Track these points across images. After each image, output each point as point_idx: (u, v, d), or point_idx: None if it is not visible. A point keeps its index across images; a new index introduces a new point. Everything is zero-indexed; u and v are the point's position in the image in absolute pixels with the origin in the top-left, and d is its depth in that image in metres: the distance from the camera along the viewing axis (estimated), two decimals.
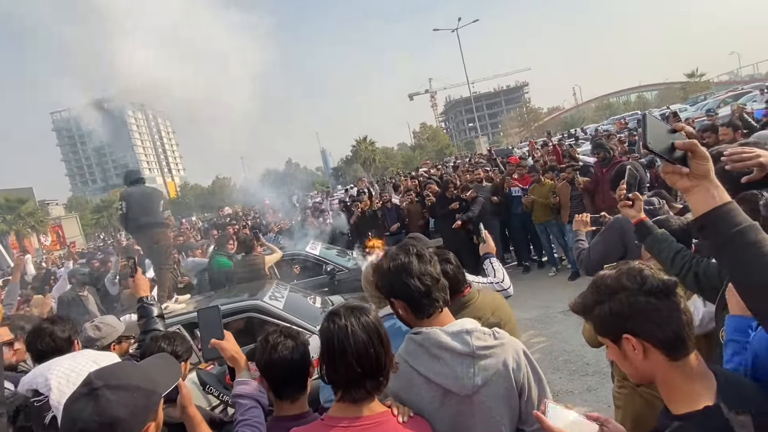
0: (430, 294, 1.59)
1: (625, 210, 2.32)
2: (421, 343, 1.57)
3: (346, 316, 1.45)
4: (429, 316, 1.61)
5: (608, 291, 1.23)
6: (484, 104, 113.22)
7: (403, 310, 1.63)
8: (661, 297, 1.17)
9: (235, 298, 5.29)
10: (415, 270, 1.58)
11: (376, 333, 1.44)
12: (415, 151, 73.28)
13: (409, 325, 1.66)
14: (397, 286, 1.59)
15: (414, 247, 1.65)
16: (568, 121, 67.48)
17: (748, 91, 21.78)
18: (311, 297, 5.84)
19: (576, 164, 7.49)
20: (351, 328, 1.41)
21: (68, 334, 2.46)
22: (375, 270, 1.70)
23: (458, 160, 21.22)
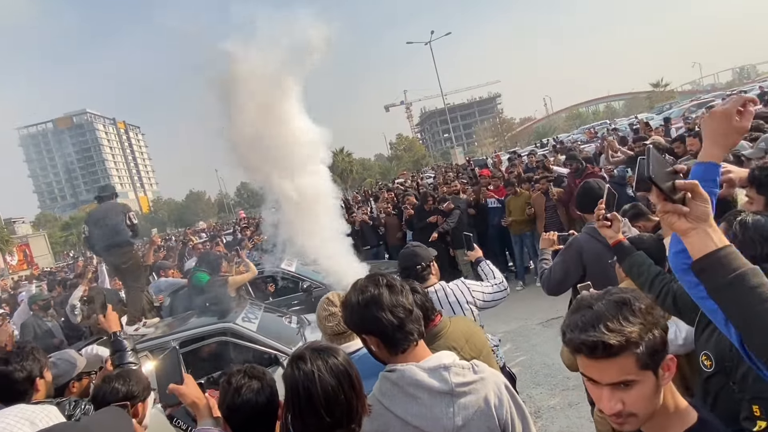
0: (404, 327, 1.48)
1: (603, 230, 2.27)
2: (396, 382, 1.46)
3: (312, 359, 1.33)
4: (404, 350, 1.50)
5: (653, 320, 1.10)
6: (459, 115, 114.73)
7: (375, 346, 1.52)
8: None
9: (206, 320, 5.08)
10: (386, 302, 1.47)
11: (346, 376, 1.32)
12: (392, 162, 73.56)
13: (383, 361, 1.55)
14: (368, 321, 1.49)
15: (384, 277, 1.55)
16: (540, 130, 68.79)
17: (710, 100, 22.55)
18: (287, 317, 5.66)
19: (550, 175, 7.54)
20: (318, 373, 1.29)
21: (27, 372, 2.14)
22: (343, 304, 1.59)
23: (436, 172, 21.28)
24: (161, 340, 4.63)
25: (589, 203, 3.19)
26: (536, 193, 7.41)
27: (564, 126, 66.26)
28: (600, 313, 1.08)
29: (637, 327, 1.06)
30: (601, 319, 1.07)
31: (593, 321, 1.08)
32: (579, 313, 1.13)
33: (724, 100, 1.91)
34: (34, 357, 2.25)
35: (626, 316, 1.07)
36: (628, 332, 1.05)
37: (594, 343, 1.06)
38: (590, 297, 1.15)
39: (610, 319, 1.06)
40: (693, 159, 5.47)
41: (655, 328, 1.08)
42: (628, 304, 1.09)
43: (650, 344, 1.06)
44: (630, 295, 1.11)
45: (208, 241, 13.34)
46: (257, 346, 4.63)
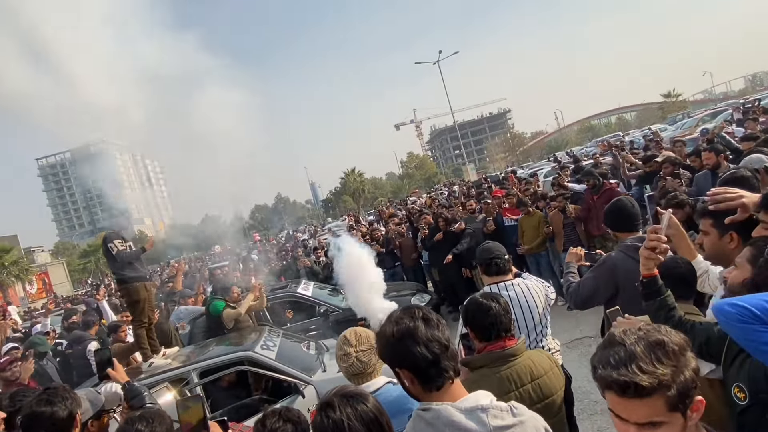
0: (439, 363, 1.44)
1: (649, 259, 2.02)
2: (431, 422, 1.41)
3: (341, 407, 1.31)
4: (439, 388, 1.46)
5: (686, 362, 1.12)
6: (469, 131, 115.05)
7: (409, 381, 1.48)
8: None
9: (225, 349, 5.07)
10: (421, 336, 1.45)
11: (377, 425, 1.30)
12: (404, 180, 73.71)
13: (417, 398, 1.52)
14: (401, 355, 1.46)
15: (420, 310, 1.53)
16: (552, 144, 68.53)
17: (724, 109, 22.29)
18: (305, 343, 5.62)
19: (566, 192, 7.47)
20: (347, 422, 1.27)
21: (68, 410, 2.24)
22: (378, 336, 1.57)
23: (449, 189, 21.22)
24: (180, 371, 4.62)
25: (623, 222, 3.11)
26: (553, 210, 7.34)
27: (576, 139, 65.94)
28: (633, 353, 1.09)
29: (669, 369, 1.06)
30: (634, 359, 1.08)
31: (626, 360, 1.08)
32: (611, 349, 1.13)
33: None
34: (71, 395, 2.33)
35: (659, 358, 1.08)
36: (660, 374, 1.05)
37: (626, 383, 1.07)
38: (623, 334, 1.15)
39: (643, 359, 1.07)
40: (709, 172, 5.38)
41: (687, 370, 1.09)
42: (662, 345, 1.09)
43: (681, 386, 1.07)
44: (664, 336, 1.12)
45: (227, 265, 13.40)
46: (277, 375, 4.59)
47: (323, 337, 6.24)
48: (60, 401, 2.24)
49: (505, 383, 2.04)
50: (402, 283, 9.01)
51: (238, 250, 19.57)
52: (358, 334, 2.21)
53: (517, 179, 12.30)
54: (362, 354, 2.14)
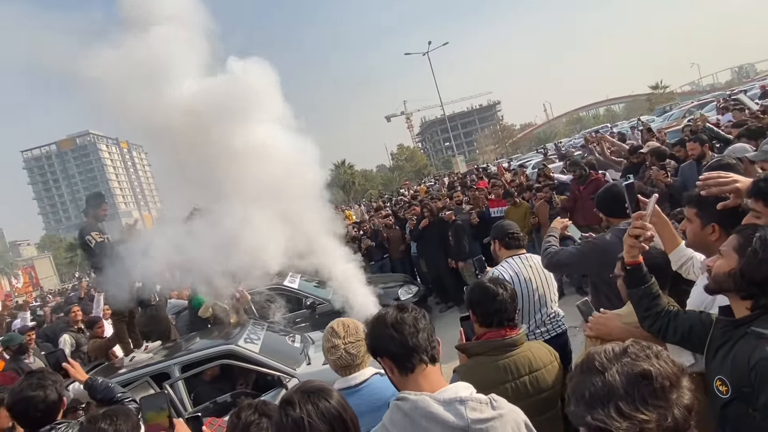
0: (406, 343, 1.46)
1: (632, 247, 1.98)
2: (408, 413, 1.38)
3: (301, 403, 1.25)
4: (412, 370, 1.47)
5: (676, 399, 0.93)
6: (459, 123, 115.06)
7: (389, 369, 1.53)
8: None
9: (208, 343, 4.99)
10: (389, 319, 1.51)
11: (339, 421, 1.25)
12: (394, 173, 73.60)
13: (398, 388, 1.52)
14: (376, 340, 1.53)
15: (400, 303, 1.60)
16: (541, 136, 68.83)
17: (711, 101, 22.46)
18: (290, 336, 5.56)
19: (552, 183, 7.46)
20: (308, 420, 1.22)
21: (58, 393, 2.32)
22: (367, 326, 1.64)
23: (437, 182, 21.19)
24: (162, 366, 4.54)
25: (616, 207, 2.99)
26: (539, 201, 7.32)
27: (565, 131, 66.35)
28: (612, 389, 0.91)
29: (655, 413, 0.89)
30: (611, 397, 0.90)
31: (602, 397, 0.91)
32: (588, 378, 0.96)
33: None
34: (57, 377, 2.41)
35: (644, 397, 0.90)
36: (643, 420, 0.88)
37: (599, 429, 0.90)
38: (603, 357, 0.98)
39: (623, 398, 0.90)
40: (694, 162, 5.38)
41: (677, 408, 0.90)
42: (649, 380, 0.91)
43: (669, 430, 0.90)
44: (654, 366, 0.93)
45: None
46: (260, 368, 4.54)
47: (310, 330, 6.19)
48: (50, 384, 2.31)
49: (502, 373, 2.03)
50: (389, 275, 8.97)
51: None
52: (346, 325, 2.16)
53: (506, 170, 12.29)
54: (351, 346, 2.09)
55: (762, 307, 1.56)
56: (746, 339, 1.54)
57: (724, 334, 1.64)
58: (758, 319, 1.54)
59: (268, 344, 4.93)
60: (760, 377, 1.43)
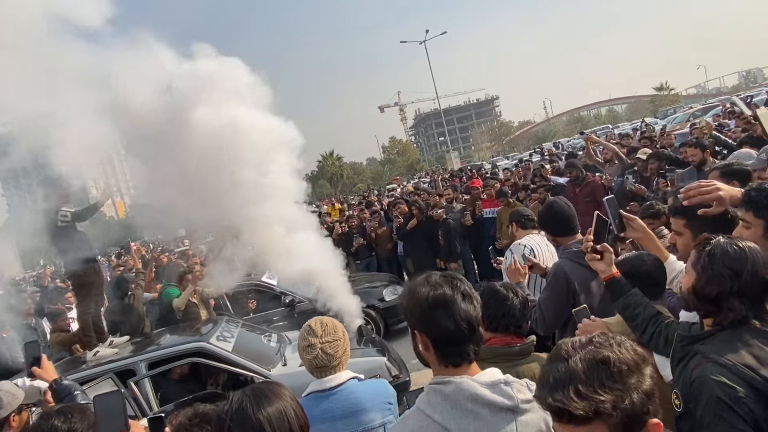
0: (462, 344, 1.41)
1: (594, 264, 2.13)
2: (451, 396, 1.36)
3: (231, 405, 1.32)
4: (455, 365, 1.43)
5: (635, 383, 1.02)
6: (455, 117, 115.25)
7: (424, 346, 1.44)
8: None
9: (178, 339, 4.96)
10: (456, 311, 1.39)
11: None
12: (385, 167, 73.63)
13: (425, 363, 1.49)
14: (428, 321, 1.41)
15: (461, 282, 1.47)
16: (539, 135, 69.32)
17: (715, 105, 22.78)
18: (266, 335, 5.55)
19: (548, 184, 7.51)
20: (229, 425, 1.29)
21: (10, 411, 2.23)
22: (409, 293, 1.47)
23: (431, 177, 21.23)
24: (127, 362, 4.51)
25: (561, 226, 3.05)
26: (533, 202, 7.37)
27: (565, 130, 66.85)
28: (573, 373, 1.01)
29: (611, 395, 0.98)
30: (572, 381, 1.00)
31: (564, 381, 1.01)
32: (554, 365, 1.07)
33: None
34: (13, 394, 2.32)
35: (602, 381, 0.99)
36: (599, 401, 0.97)
37: (559, 410, 1.01)
38: (570, 347, 1.08)
39: (582, 381, 1.00)
40: (694, 169, 5.46)
41: (636, 392, 1.00)
42: (608, 365, 1.01)
43: (627, 412, 0.98)
44: (613, 352, 1.03)
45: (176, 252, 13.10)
46: (232, 368, 4.51)
47: (287, 330, 6.18)
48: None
49: None
50: (375, 274, 8.99)
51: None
52: (324, 324, 2.16)
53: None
54: (328, 345, 2.08)
55: (718, 325, 1.58)
56: (695, 357, 1.59)
57: (683, 349, 1.70)
58: (712, 337, 1.57)
59: (241, 343, 4.91)
60: (696, 394, 1.50)
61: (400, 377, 4.76)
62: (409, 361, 5.86)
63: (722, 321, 1.55)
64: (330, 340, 2.10)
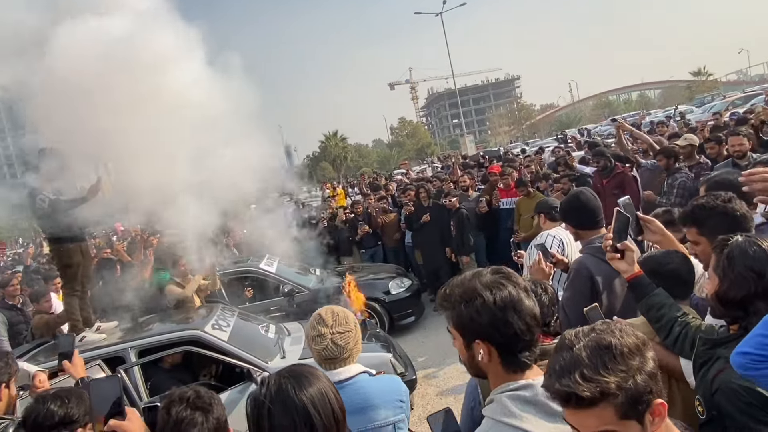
0: (533, 343, 1.43)
1: (615, 264, 2.16)
2: (533, 400, 1.37)
3: (269, 387, 1.37)
4: (523, 369, 1.43)
5: (638, 365, 1.13)
6: (471, 98, 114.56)
7: (487, 355, 1.41)
8: None
9: (170, 326, 5.04)
10: (525, 309, 1.38)
11: (304, 416, 1.32)
12: (393, 150, 73.41)
13: (482, 374, 1.48)
14: (496, 326, 1.37)
15: (515, 276, 1.46)
16: (563, 119, 68.78)
17: (759, 93, 22.51)
18: (263, 325, 5.62)
19: (572, 173, 7.50)
20: (269, 407, 1.32)
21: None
22: (466, 299, 1.41)
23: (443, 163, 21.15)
24: (117, 348, 4.58)
25: (586, 219, 3.05)
26: (556, 193, 7.35)
27: (591, 116, 66.27)
28: (577, 359, 1.12)
29: (615, 376, 1.09)
30: (577, 366, 1.11)
31: (569, 367, 1.12)
32: (559, 354, 1.17)
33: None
34: (7, 362, 2.33)
35: (605, 363, 1.10)
36: (604, 382, 1.08)
37: (567, 394, 1.11)
38: (574, 335, 1.19)
39: (587, 366, 1.11)
40: (731, 162, 5.42)
41: (639, 374, 1.10)
42: (610, 348, 1.12)
43: (631, 393, 1.09)
44: (615, 337, 1.14)
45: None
46: (227, 359, 4.59)
47: (286, 320, 6.25)
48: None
49: None
50: (380, 265, 9.04)
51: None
52: (335, 314, 2.20)
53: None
54: (338, 336, 2.12)
55: (744, 329, 1.59)
56: (718, 362, 1.62)
57: (705, 353, 1.73)
58: (735, 341, 1.57)
59: (238, 333, 4.98)
60: (721, 402, 1.53)
61: (405, 375, 4.81)
62: (415, 359, 5.94)
63: (747, 325, 1.56)
64: (341, 331, 2.13)
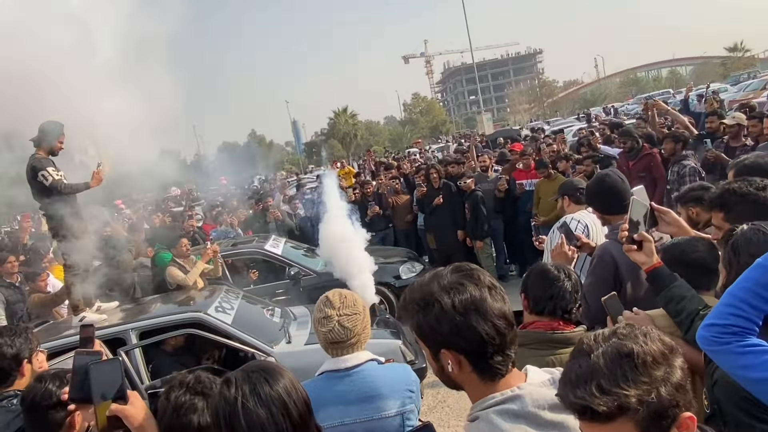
0: (506, 347, 1.32)
1: (632, 255, 2.15)
2: (523, 413, 1.29)
3: (239, 383, 1.34)
4: (501, 376, 1.34)
5: (663, 376, 1.06)
6: (489, 73, 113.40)
7: (456, 365, 1.33)
8: None
9: (172, 308, 5.09)
10: (490, 310, 1.29)
11: (281, 407, 1.32)
12: (405, 127, 73.07)
13: (457, 387, 1.40)
14: (460, 333, 1.28)
15: (480, 273, 1.37)
16: (587, 97, 67.95)
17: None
18: (269, 309, 5.67)
19: (596, 155, 7.41)
20: (242, 401, 1.31)
21: (16, 350, 2.30)
22: (423, 306, 1.35)
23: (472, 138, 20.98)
24: (117, 329, 4.65)
25: (614, 203, 2.99)
26: (579, 175, 7.27)
27: (617, 93, 65.36)
28: (594, 368, 1.06)
29: (636, 389, 1.02)
30: (594, 376, 1.05)
31: (586, 377, 1.06)
32: (576, 361, 1.12)
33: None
34: (27, 337, 2.40)
35: (625, 374, 1.03)
36: (622, 396, 1.02)
37: (582, 407, 1.06)
38: (593, 340, 1.13)
39: (605, 376, 1.04)
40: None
41: (664, 386, 1.03)
42: (632, 357, 1.05)
43: (654, 407, 1.02)
44: (638, 344, 1.07)
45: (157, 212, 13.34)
46: (231, 342, 4.64)
47: (291, 304, 6.30)
48: (10, 336, 2.32)
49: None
50: (391, 249, 9.03)
51: (197, 194, 19.51)
52: (344, 296, 2.21)
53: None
54: (346, 319, 2.12)
55: None
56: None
57: None
58: None
59: (242, 316, 5.03)
60: (720, 398, 1.56)
61: (415, 363, 4.83)
62: None
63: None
64: (348, 313, 2.13)
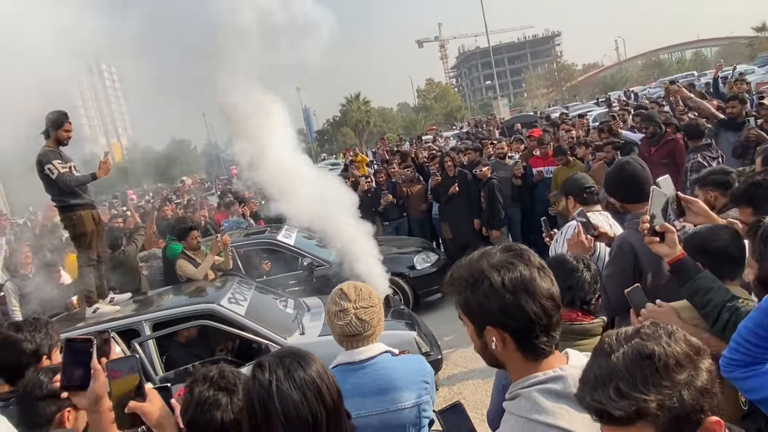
0: (552, 328, 1.34)
1: (654, 247, 2.12)
2: (564, 393, 1.31)
3: (272, 367, 1.38)
4: (544, 356, 1.37)
5: (686, 379, 1.03)
6: (506, 57, 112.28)
7: (501, 343, 1.34)
8: None
9: (185, 299, 5.16)
10: (540, 290, 1.31)
11: (314, 390, 1.36)
12: (419, 114, 72.74)
13: (499, 364, 1.43)
14: (511, 312, 1.30)
15: (528, 253, 1.39)
16: (607, 81, 66.99)
17: None
18: (282, 300, 5.72)
19: (617, 141, 7.33)
20: (277, 384, 1.35)
21: (36, 346, 2.35)
22: (472, 282, 1.35)
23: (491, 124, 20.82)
24: (131, 321, 4.73)
25: (634, 191, 2.95)
26: (598, 162, 7.20)
27: (639, 77, 64.32)
28: (614, 369, 1.04)
29: (657, 393, 0.99)
30: (613, 378, 1.03)
31: (605, 378, 1.04)
32: (596, 359, 1.10)
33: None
34: (47, 332, 2.44)
35: (645, 378, 1.01)
36: (641, 400, 0.99)
37: (599, 411, 1.04)
38: (614, 339, 1.10)
39: (624, 379, 1.02)
40: None
41: (687, 390, 1.00)
42: (653, 360, 1.02)
43: (676, 412, 0.99)
44: (661, 345, 1.04)
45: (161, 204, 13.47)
46: (244, 334, 4.70)
47: (304, 295, 6.35)
48: (30, 331, 2.36)
49: None
50: (405, 239, 9.05)
51: (208, 184, 19.66)
52: (359, 289, 2.22)
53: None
54: (363, 311, 2.14)
55: None
56: None
57: None
58: None
59: (255, 307, 5.09)
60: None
61: (431, 354, 4.86)
62: (441, 338, 5.98)
63: None
64: (365, 306, 2.15)
